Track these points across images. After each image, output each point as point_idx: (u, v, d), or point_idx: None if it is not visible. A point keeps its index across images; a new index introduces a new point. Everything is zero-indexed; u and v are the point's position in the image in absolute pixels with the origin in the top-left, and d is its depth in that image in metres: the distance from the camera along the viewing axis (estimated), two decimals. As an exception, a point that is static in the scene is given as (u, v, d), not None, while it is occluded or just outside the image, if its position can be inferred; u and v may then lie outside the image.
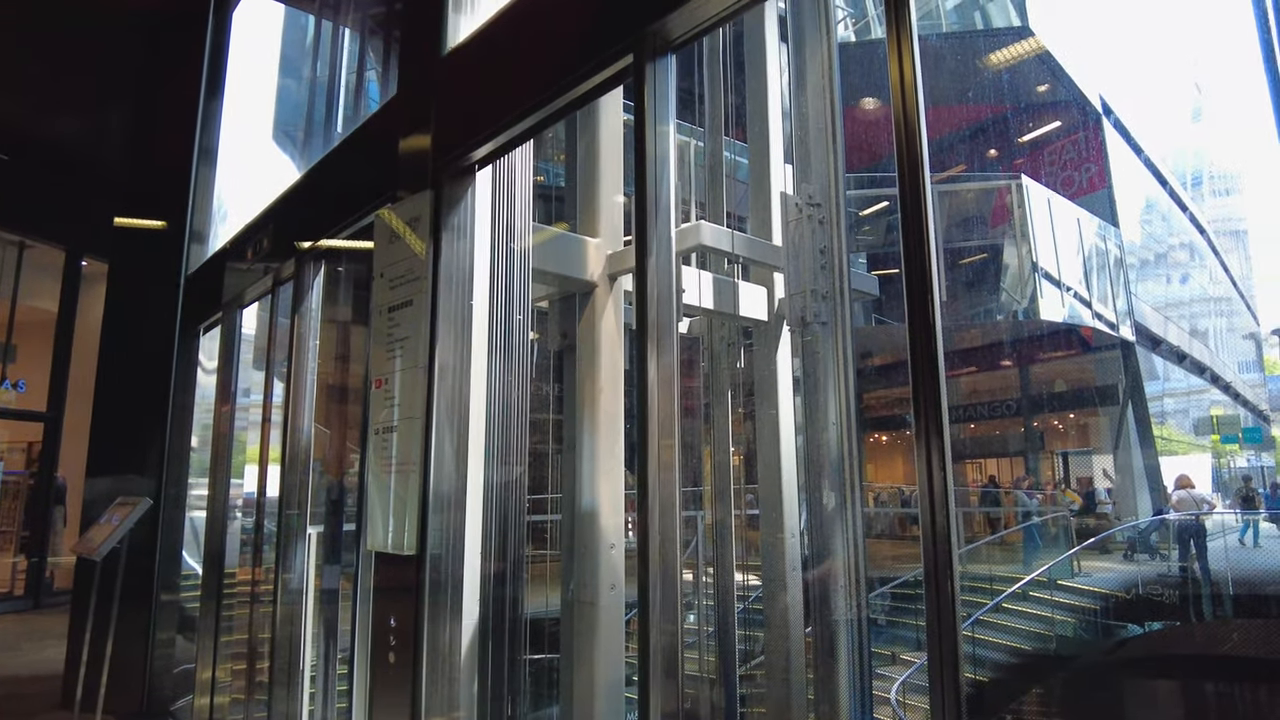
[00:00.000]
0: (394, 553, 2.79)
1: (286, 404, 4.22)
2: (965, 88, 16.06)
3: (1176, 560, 12.09)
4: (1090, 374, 17.51)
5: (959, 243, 14.71)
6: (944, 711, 1.41)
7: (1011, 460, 19.41)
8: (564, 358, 3.45)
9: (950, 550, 1.45)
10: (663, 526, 1.88)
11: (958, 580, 1.45)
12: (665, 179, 2.03)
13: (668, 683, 1.83)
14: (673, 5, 1.95)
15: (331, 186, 4.13)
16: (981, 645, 10.58)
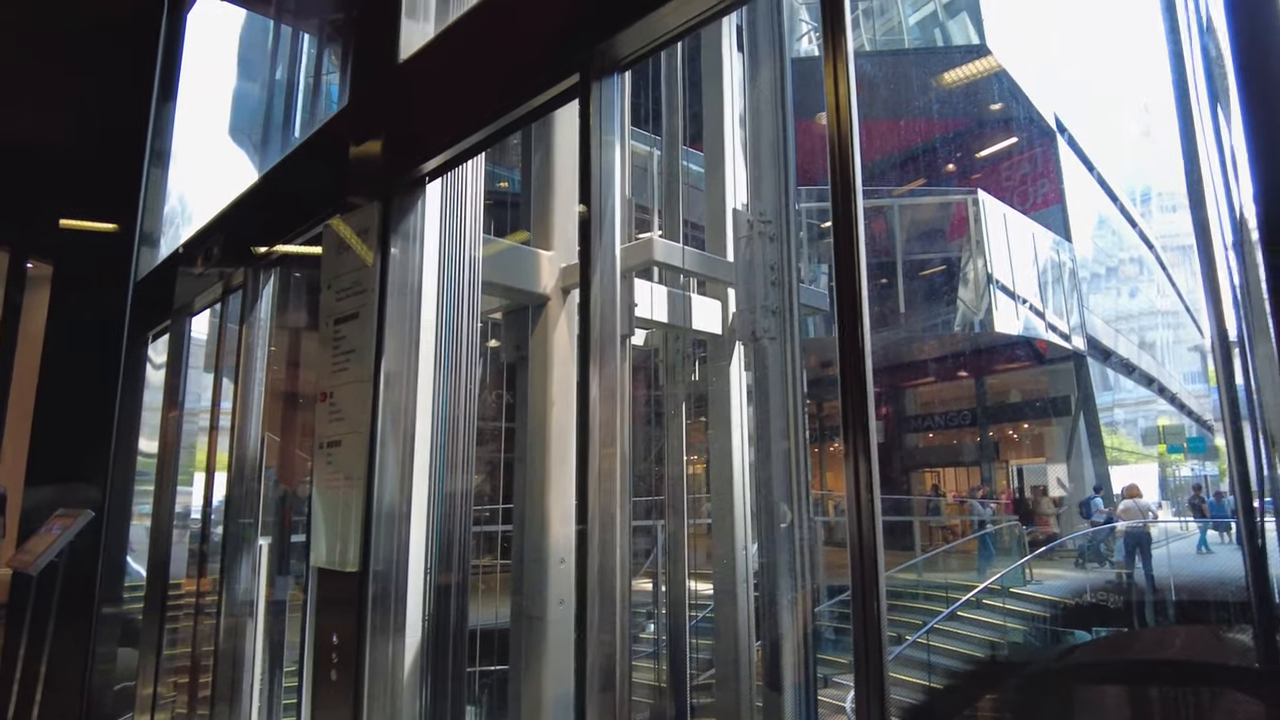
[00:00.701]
0: (336, 569, 2.75)
1: (234, 412, 4.15)
2: (925, 102, 16.37)
3: (1124, 568, 12.39)
4: (1044, 385, 17.91)
5: (918, 255, 14.97)
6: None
7: (968, 470, 19.74)
8: (517, 370, 3.44)
9: (877, 564, 1.47)
10: (603, 539, 1.88)
11: (884, 593, 1.48)
12: (610, 196, 2.05)
13: (604, 697, 1.83)
14: (619, 26, 1.97)
15: (284, 194, 4.08)
16: (936, 653, 10.73)
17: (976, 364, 17.98)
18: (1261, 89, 1.20)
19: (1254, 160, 1.18)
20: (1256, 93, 1.21)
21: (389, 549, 2.71)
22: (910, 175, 17.42)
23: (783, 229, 3.32)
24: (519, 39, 2.37)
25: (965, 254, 14.27)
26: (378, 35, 3.18)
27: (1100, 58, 18.54)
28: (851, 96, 1.65)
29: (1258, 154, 1.19)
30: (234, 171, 6.24)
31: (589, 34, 2.04)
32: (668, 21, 1.97)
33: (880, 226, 15.36)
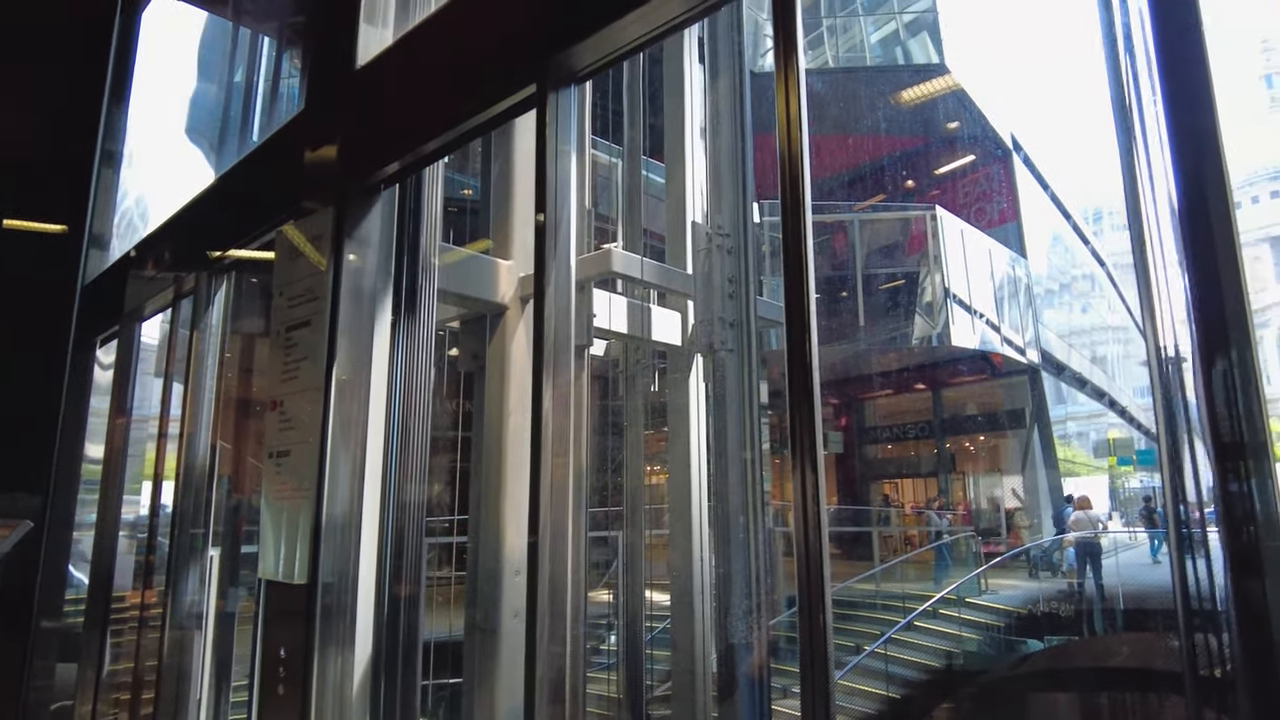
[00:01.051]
0: (285, 581, 2.70)
1: (183, 419, 4.06)
2: (885, 119, 16.66)
3: (1076, 578, 12.66)
4: (1000, 398, 18.26)
5: (877, 269, 15.20)
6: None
7: (925, 481, 20.03)
8: (474, 379, 3.42)
9: (823, 572, 1.49)
10: (554, 550, 1.87)
11: (829, 603, 1.49)
12: (566, 206, 2.05)
13: (554, 709, 1.82)
14: (576, 39, 1.98)
15: (239, 198, 4.02)
16: (894, 663, 10.85)
17: (934, 377, 18.29)
18: (1183, 113, 1.25)
19: (1178, 180, 1.22)
20: (1181, 119, 1.26)
21: (339, 561, 2.66)
22: (870, 191, 17.70)
23: (741, 242, 3.35)
24: (476, 48, 2.36)
25: (924, 269, 14.53)
26: (336, 40, 3.15)
27: (1053, 79, 19.07)
28: (803, 113, 1.67)
29: (1182, 177, 1.23)
30: (190, 173, 6.12)
31: (546, 45, 2.04)
32: (625, 35, 1.98)
33: (841, 241, 15.58)
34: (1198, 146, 1.24)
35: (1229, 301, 1.28)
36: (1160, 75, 1.27)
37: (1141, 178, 1.57)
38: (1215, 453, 1.31)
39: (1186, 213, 1.25)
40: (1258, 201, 51.43)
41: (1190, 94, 1.25)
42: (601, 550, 8.55)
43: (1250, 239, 49.74)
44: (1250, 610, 1.22)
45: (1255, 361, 1.28)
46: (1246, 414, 1.27)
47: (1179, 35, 1.27)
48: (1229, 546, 1.28)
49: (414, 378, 2.83)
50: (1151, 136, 1.63)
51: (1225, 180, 1.27)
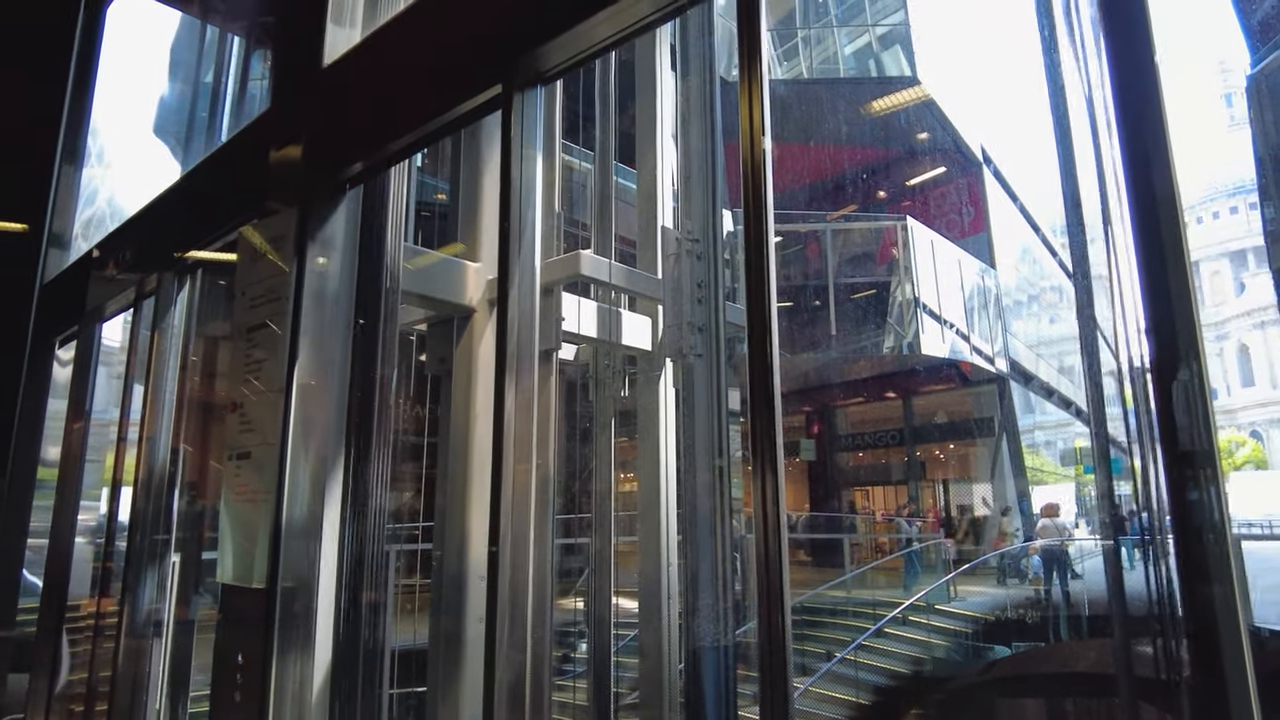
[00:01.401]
0: (243, 585, 2.65)
1: (143, 422, 3.98)
2: (858, 130, 16.85)
3: (1043, 585, 12.82)
4: (969, 406, 18.48)
5: (850, 279, 15.33)
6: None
7: (896, 488, 20.21)
8: (441, 383, 3.38)
9: (782, 577, 1.48)
10: (515, 557, 1.85)
11: (788, 606, 1.48)
12: (531, 208, 2.04)
13: (512, 716, 1.80)
14: (541, 40, 1.97)
15: (203, 197, 3.95)
16: (864, 669, 10.90)
17: (904, 385, 18.47)
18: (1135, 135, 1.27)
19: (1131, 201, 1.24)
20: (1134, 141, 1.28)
21: (299, 565, 2.62)
22: (843, 201, 17.88)
23: (710, 248, 3.36)
24: (442, 48, 2.34)
25: (895, 278, 14.68)
26: (302, 39, 3.11)
27: (1021, 94, 19.40)
28: (765, 122, 1.68)
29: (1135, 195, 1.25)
30: (157, 171, 6.02)
31: (511, 46, 2.03)
32: (593, 35, 1.98)
33: (814, 250, 15.70)
34: (1150, 167, 1.26)
35: (1179, 318, 1.30)
36: (1114, 101, 1.29)
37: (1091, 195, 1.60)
38: (1167, 462, 1.33)
39: (1139, 232, 1.27)
40: (1218, 217, 52.75)
41: (1143, 117, 1.28)
42: (574, 558, 8.50)
43: (1210, 254, 50.97)
44: (1199, 613, 1.24)
45: (1204, 375, 1.30)
46: (1197, 425, 1.29)
47: (1133, 62, 1.30)
48: (1180, 552, 1.30)
49: (379, 381, 2.79)
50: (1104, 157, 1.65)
51: (1176, 202, 1.30)
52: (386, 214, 2.77)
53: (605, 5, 1.83)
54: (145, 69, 6.79)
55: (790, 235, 15.94)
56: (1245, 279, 49.43)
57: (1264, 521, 18.94)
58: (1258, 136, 11.99)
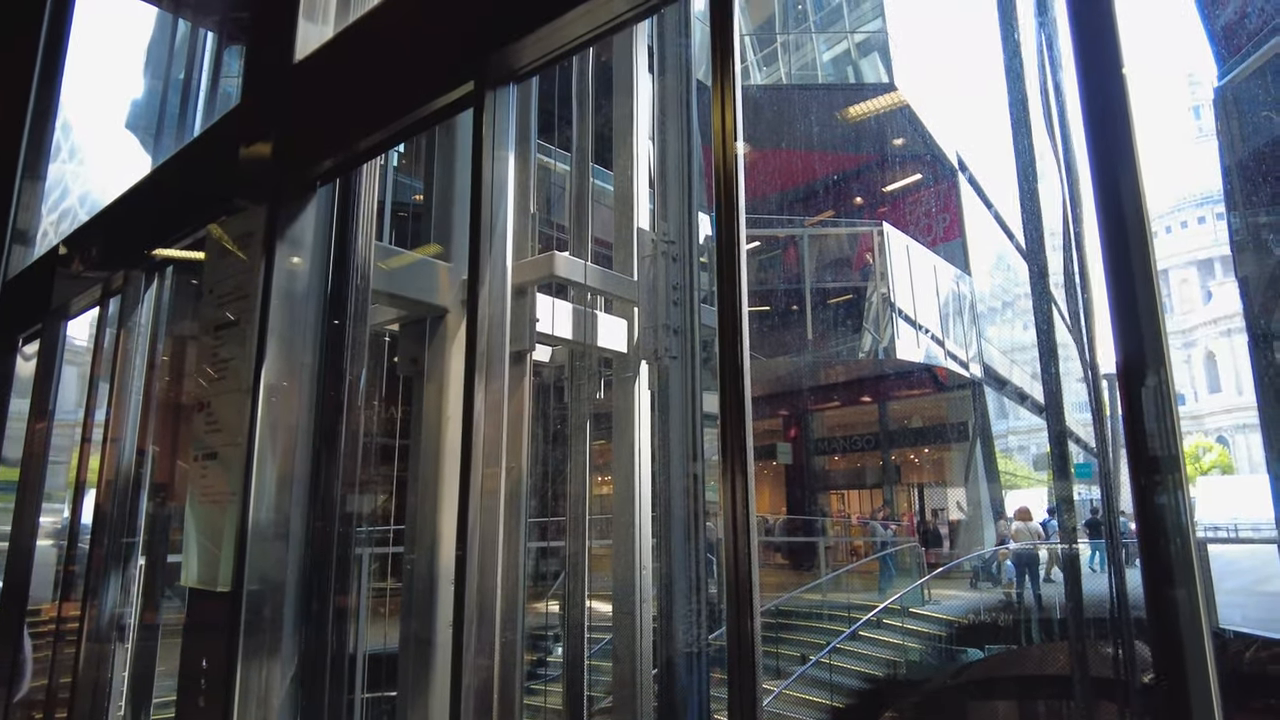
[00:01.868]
0: (208, 589, 2.60)
1: (109, 422, 3.90)
2: (836, 136, 16.97)
3: (1015, 587, 12.95)
4: (944, 411, 18.65)
5: (827, 283, 15.42)
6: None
7: (871, 492, 20.34)
8: (413, 384, 3.35)
9: (752, 578, 1.47)
10: (483, 560, 1.83)
11: (758, 609, 1.48)
12: (502, 207, 2.02)
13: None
14: (514, 36, 1.95)
15: (171, 194, 3.88)
16: (839, 673, 10.95)
17: (880, 390, 18.60)
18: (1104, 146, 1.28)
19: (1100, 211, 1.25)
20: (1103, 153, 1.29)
21: (266, 568, 2.57)
22: (821, 206, 18.00)
23: (686, 250, 3.35)
24: (414, 44, 2.32)
25: (871, 283, 14.79)
26: (274, 34, 3.07)
27: (997, 101, 19.63)
28: (738, 126, 1.67)
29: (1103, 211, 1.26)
30: (129, 166, 5.92)
31: (484, 42, 2.01)
32: (568, 32, 1.96)
33: (792, 255, 15.78)
34: (1117, 179, 1.27)
35: (1146, 327, 1.31)
36: (1083, 112, 1.31)
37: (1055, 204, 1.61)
38: (1133, 466, 1.34)
39: (1106, 241, 1.28)
40: (1186, 226, 53.77)
41: (1110, 128, 1.29)
42: (549, 561, 8.46)
43: (1179, 262, 51.93)
44: (1163, 616, 1.24)
45: (1170, 382, 1.31)
46: (1163, 431, 1.30)
47: (1101, 75, 1.31)
48: (1145, 556, 1.30)
49: (349, 381, 2.75)
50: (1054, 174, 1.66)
51: (1144, 214, 1.31)
52: (358, 212, 2.73)
53: (580, 2, 1.81)
54: (117, 63, 6.68)
55: (768, 240, 16.02)
56: (1212, 287, 50.44)
57: (1230, 525, 19.29)
58: (1224, 148, 12.23)
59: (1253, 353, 12.86)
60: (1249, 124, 11.59)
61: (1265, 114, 11.21)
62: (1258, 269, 12.23)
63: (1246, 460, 43.36)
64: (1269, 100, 11.00)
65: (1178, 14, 79.69)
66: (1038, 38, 2.33)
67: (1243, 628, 8.19)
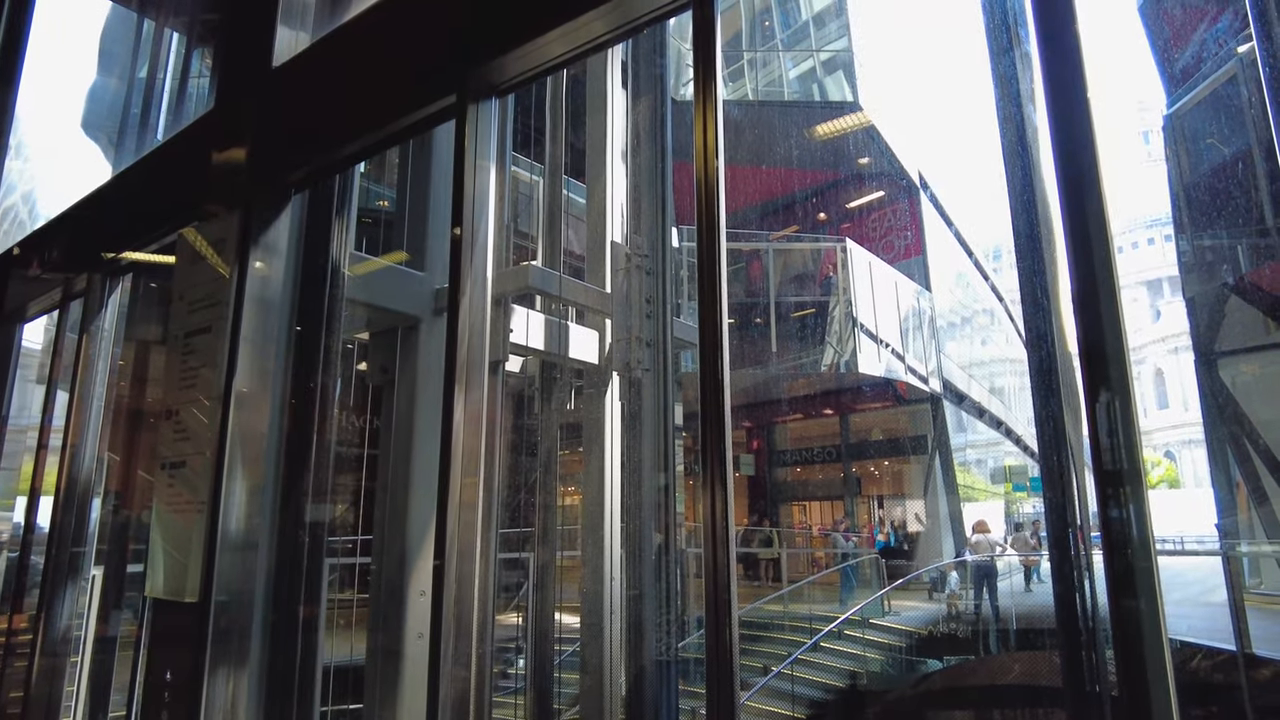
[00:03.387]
0: (174, 600, 2.55)
1: (67, 429, 3.81)
2: (801, 153, 17.20)
3: (973, 599, 13.16)
4: (903, 424, 18.94)
5: (791, 297, 15.60)
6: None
7: (833, 504, 20.54)
8: (383, 393, 3.33)
9: (730, 590, 1.51)
10: (461, 571, 1.84)
11: (735, 619, 1.51)
12: (484, 219, 2.03)
13: (456, 734, 1.77)
14: (498, 52, 1.98)
15: (138, 197, 3.82)
16: (800, 684, 11.01)
17: (842, 403, 18.83)
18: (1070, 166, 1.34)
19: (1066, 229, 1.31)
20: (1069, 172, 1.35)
21: (234, 579, 2.54)
22: (785, 221, 18.22)
23: (659, 263, 3.39)
24: (397, 55, 2.33)
25: (834, 298, 15.00)
26: (251, 37, 3.05)
27: (959, 123, 20.09)
28: (719, 144, 1.72)
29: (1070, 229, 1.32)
30: (84, 167, 5.79)
31: (468, 56, 2.04)
32: (548, 51, 1.99)
33: (756, 269, 15.94)
34: (1082, 198, 1.33)
35: (1109, 341, 1.36)
36: (1051, 134, 1.36)
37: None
38: (1097, 480, 1.39)
39: (1073, 259, 1.34)
40: (1137, 247, 55.41)
41: (1076, 149, 1.35)
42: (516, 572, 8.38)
43: (1130, 281, 53.43)
44: (1124, 625, 1.29)
45: (1133, 397, 1.37)
46: (1126, 445, 1.34)
47: (1066, 95, 1.37)
48: (1108, 566, 1.35)
49: (320, 390, 2.73)
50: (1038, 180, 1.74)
51: (1107, 231, 1.37)
52: (331, 220, 2.72)
53: (561, 22, 1.85)
54: (71, 57, 6.53)
55: (734, 253, 16.17)
56: (1161, 306, 52.03)
57: (1175, 538, 19.84)
58: (1173, 173, 12.68)
59: (1198, 370, 13.31)
60: (1195, 151, 12.04)
61: (1210, 141, 11.65)
62: (1203, 290, 12.68)
63: (1192, 475, 44.67)
64: (1214, 129, 11.44)
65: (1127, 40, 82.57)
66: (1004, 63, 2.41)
67: (1188, 638, 8.42)
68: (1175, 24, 12.94)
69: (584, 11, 1.82)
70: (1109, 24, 61.45)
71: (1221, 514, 13.12)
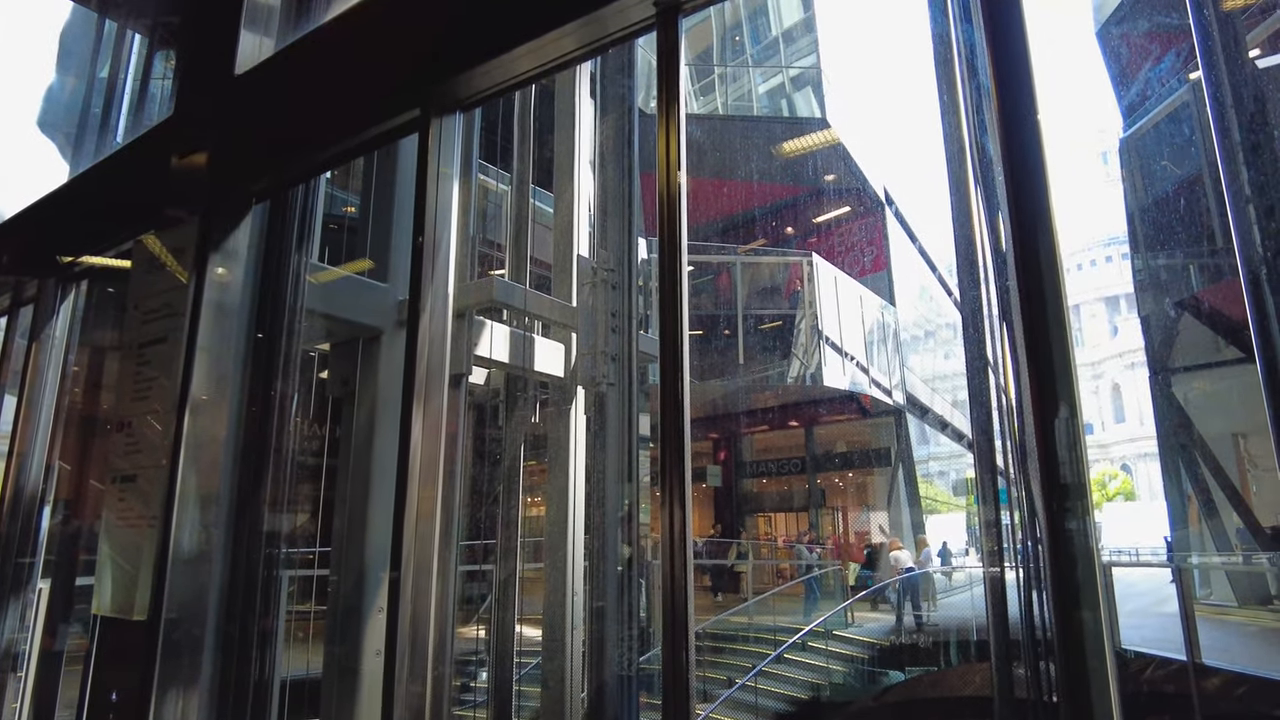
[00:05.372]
0: (122, 618, 2.49)
1: (13, 437, 3.70)
2: (769, 168, 17.38)
3: (910, 610, 13.41)
4: (867, 437, 19.13)
5: (758, 310, 15.72)
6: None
7: (798, 515, 20.66)
8: (343, 405, 3.29)
9: (688, 603, 1.51)
10: (417, 585, 1.82)
11: (692, 630, 1.51)
12: (446, 231, 2.03)
13: (411, 752, 1.75)
14: (461, 68, 1.98)
15: (94, 203, 3.74)
16: (764, 695, 11.03)
17: (807, 415, 18.98)
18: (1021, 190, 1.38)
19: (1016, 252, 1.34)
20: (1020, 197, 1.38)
21: (186, 594, 2.48)
22: (753, 235, 18.39)
23: (625, 277, 3.40)
24: (362, 66, 2.32)
25: (800, 311, 15.14)
26: (214, 43, 3.01)
27: (923, 139, 20.44)
28: (682, 159, 1.73)
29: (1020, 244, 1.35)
30: (39, 169, 5.65)
31: (433, 71, 2.03)
32: (515, 67, 2.00)
33: (725, 281, 16.05)
34: (1033, 224, 1.37)
35: (1058, 360, 1.39)
36: (1002, 156, 1.40)
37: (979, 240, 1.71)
38: (1044, 493, 1.42)
39: (1022, 280, 1.37)
40: (1095, 265, 56.79)
41: (1028, 174, 1.38)
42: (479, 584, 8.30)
43: (1089, 298, 54.70)
44: (1069, 636, 1.32)
45: (1079, 413, 1.40)
46: (1072, 460, 1.37)
47: (1018, 119, 1.41)
48: (1053, 578, 1.38)
49: (278, 401, 2.69)
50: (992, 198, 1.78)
51: (1056, 253, 1.40)
52: (293, 231, 2.69)
53: (525, 41, 1.85)
54: (30, 55, 6.40)
55: (702, 266, 16.27)
56: (1118, 322, 53.31)
57: (1131, 549, 20.27)
58: (1129, 193, 13.04)
59: (1152, 385, 13.66)
60: (1149, 174, 12.39)
61: (1163, 164, 12.00)
62: (1157, 307, 13.03)
63: (1147, 487, 45.71)
64: (1167, 152, 11.79)
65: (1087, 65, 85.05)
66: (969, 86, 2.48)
67: (1141, 648, 8.58)
68: (1131, 50, 13.34)
69: (549, 30, 1.83)
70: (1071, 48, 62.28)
71: (1174, 526, 13.44)
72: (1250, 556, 11.76)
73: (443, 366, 2.00)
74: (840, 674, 11.84)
